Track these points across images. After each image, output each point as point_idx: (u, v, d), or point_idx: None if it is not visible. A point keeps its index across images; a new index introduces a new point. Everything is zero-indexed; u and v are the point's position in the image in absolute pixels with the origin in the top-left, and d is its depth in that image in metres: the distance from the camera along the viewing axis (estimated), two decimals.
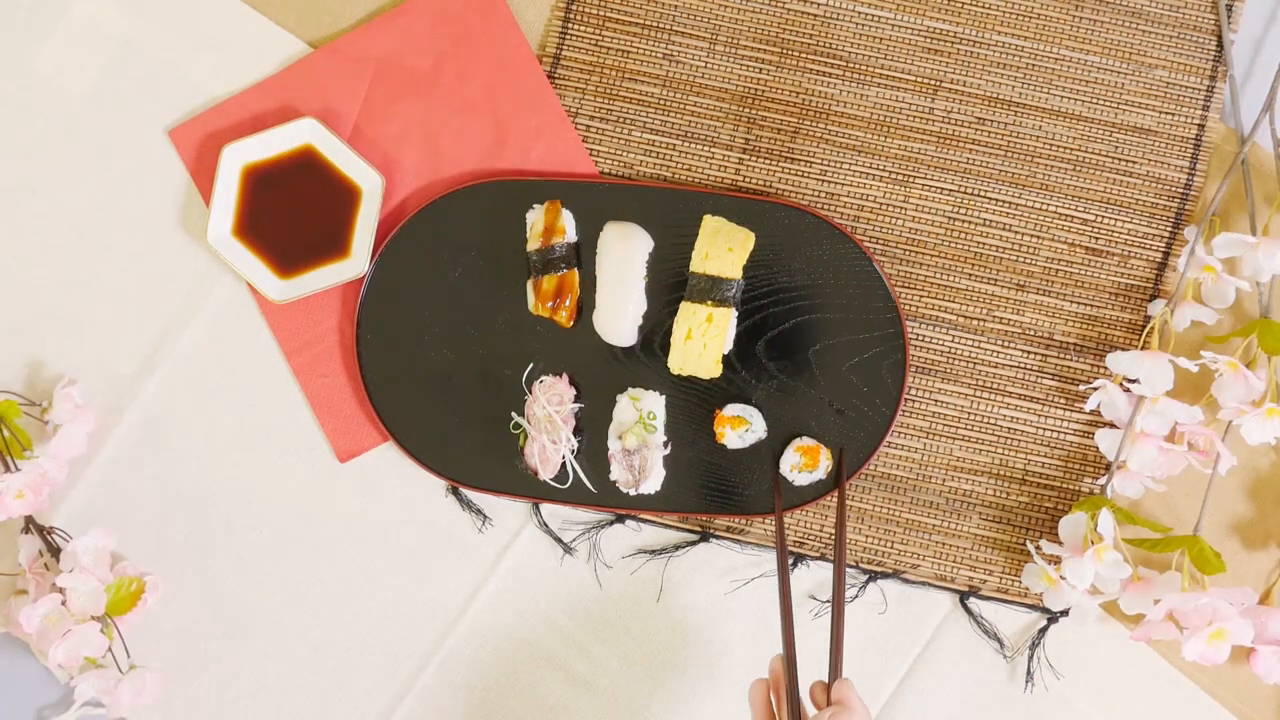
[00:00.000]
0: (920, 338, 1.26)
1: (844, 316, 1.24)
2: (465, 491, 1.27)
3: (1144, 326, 1.26)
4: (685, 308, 1.22)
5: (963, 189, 1.27)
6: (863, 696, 1.26)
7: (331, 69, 1.27)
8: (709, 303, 1.21)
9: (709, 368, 1.22)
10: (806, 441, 1.24)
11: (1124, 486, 1.22)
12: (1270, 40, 1.27)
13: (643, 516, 1.27)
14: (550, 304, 1.24)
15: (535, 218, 1.24)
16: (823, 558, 1.26)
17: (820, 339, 1.24)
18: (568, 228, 1.24)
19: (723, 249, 1.21)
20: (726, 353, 1.23)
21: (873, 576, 1.26)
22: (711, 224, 1.23)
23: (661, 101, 1.28)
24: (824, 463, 1.23)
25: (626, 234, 1.24)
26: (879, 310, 1.24)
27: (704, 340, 1.21)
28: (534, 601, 1.27)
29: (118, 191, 1.28)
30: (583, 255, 1.25)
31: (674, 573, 1.27)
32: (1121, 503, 1.23)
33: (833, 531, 1.26)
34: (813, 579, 1.26)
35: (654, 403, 1.24)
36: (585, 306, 1.25)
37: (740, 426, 1.23)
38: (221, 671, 1.27)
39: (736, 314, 1.23)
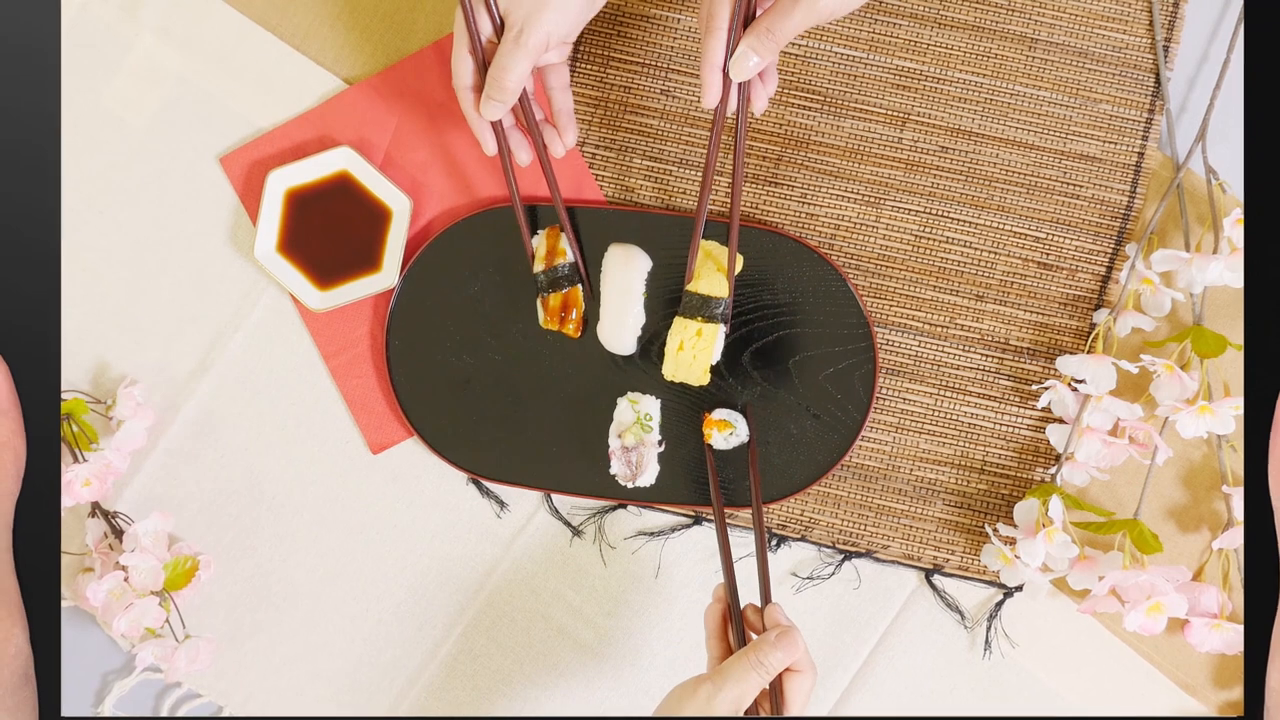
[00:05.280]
0: (890, 343, 1.26)
1: (821, 331, 1.24)
2: (483, 481, 1.27)
3: (1090, 333, 1.25)
4: (678, 322, 1.21)
5: (928, 210, 1.26)
6: (837, 664, 1.26)
7: (365, 103, 1.27)
8: (699, 318, 1.20)
9: (698, 376, 1.21)
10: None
11: (1072, 475, 1.22)
12: (1202, 78, 1.26)
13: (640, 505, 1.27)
14: (559, 319, 1.23)
15: (538, 242, 1.24)
16: (803, 539, 1.26)
17: (800, 351, 1.24)
18: (567, 249, 1.23)
19: (713, 270, 1.21)
20: (715, 363, 1.22)
21: (847, 556, 1.26)
22: (708, 250, 1.22)
23: (660, 132, 1.27)
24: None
25: (628, 254, 1.24)
26: (852, 326, 1.24)
27: (694, 352, 1.20)
28: (546, 579, 1.27)
29: (174, 212, 1.28)
30: (590, 272, 1.25)
31: (670, 553, 1.27)
32: (1070, 490, 1.23)
33: (811, 516, 1.26)
34: (793, 558, 1.26)
35: (650, 406, 1.24)
36: (590, 318, 1.25)
37: (726, 429, 1.23)
38: (267, 640, 1.27)
39: (725, 329, 1.22)
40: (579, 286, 1.24)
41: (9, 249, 1.17)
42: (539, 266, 1.24)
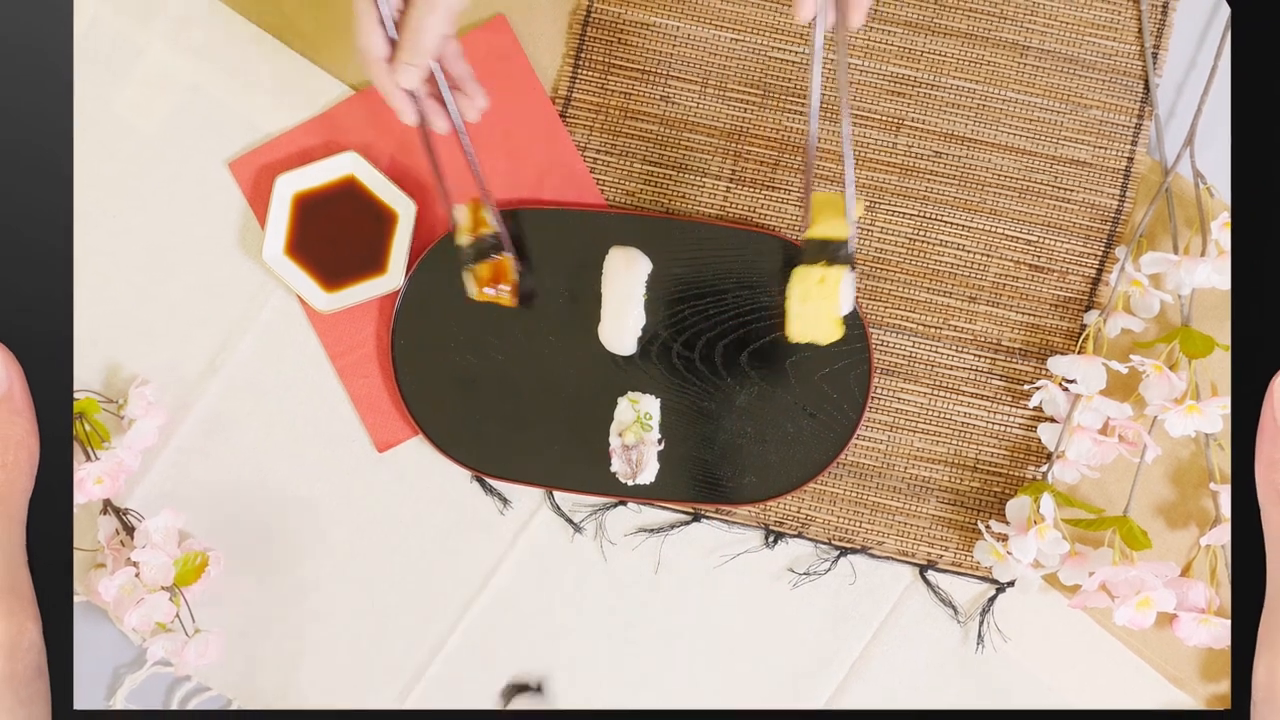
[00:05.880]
0: (885, 344, 1.26)
1: None
2: (487, 479, 1.27)
3: (1080, 334, 1.26)
4: (798, 274, 1.10)
5: (922, 214, 1.27)
6: (833, 657, 1.26)
7: (371, 109, 1.28)
8: (821, 263, 1.10)
9: (828, 330, 1.11)
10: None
11: (1063, 473, 1.23)
12: (1190, 84, 1.27)
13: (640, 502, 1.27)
14: (491, 289, 1.21)
15: (462, 215, 1.21)
16: (800, 535, 1.26)
17: (797, 351, 1.24)
18: (491, 221, 1.21)
19: (830, 215, 1.11)
20: (846, 314, 1.12)
21: (843, 552, 1.27)
22: (820, 198, 1.12)
23: (659, 137, 1.28)
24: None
25: (629, 257, 1.24)
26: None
27: (820, 302, 1.10)
28: (547, 574, 1.27)
29: (185, 216, 1.29)
30: (591, 276, 1.25)
31: (669, 549, 1.27)
32: (1061, 488, 1.23)
33: (808, 513, 1.27)
34: (790, 554, 1.27)
35: (650, 405, 1.24)
36: (589, 319, 1.25)
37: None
38: (275, 635, 1.28)
39: (853, 274, 1.12)
40: (509, 257, 1.22)
41: (23, 252, 1.17)
42: (465, 239, 1.21)
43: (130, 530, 1.25)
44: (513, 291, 1.22)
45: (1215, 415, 1.18)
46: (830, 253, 1.09)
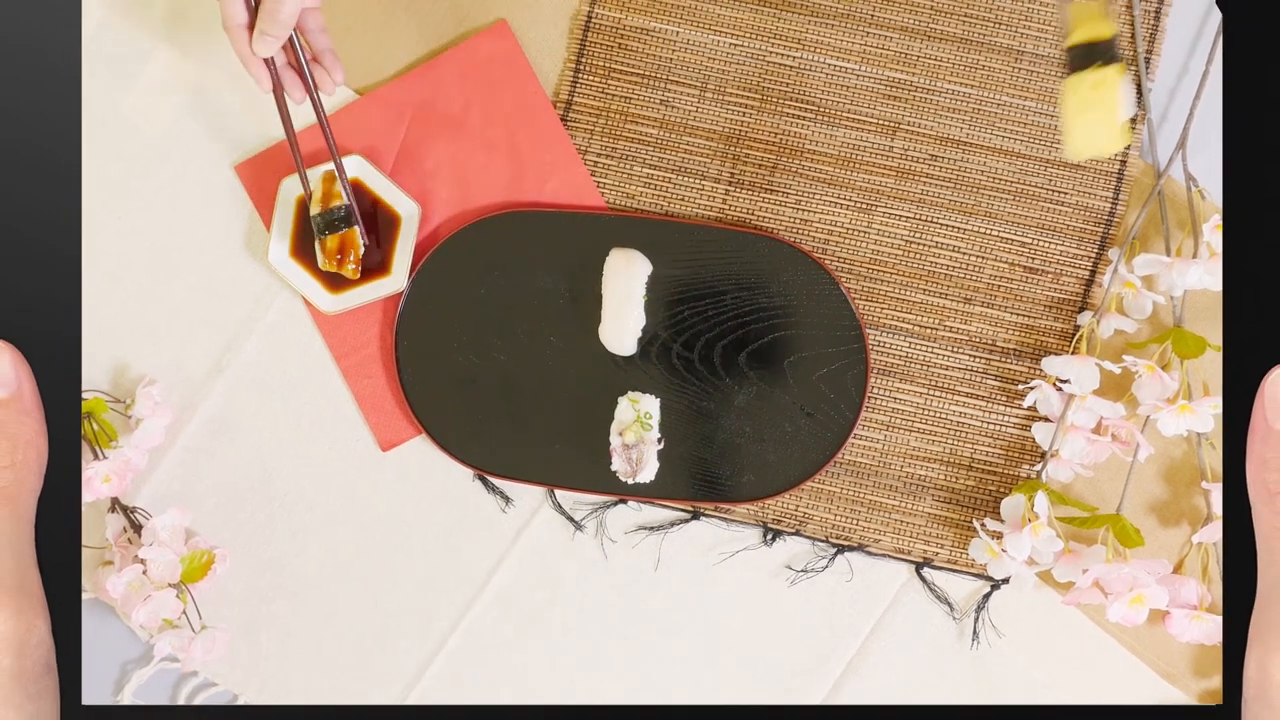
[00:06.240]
0: (881, 344, 1.26)
1: (815, 333, 1.24)
2: (489, 477, 1.27)
3: (1074, 334, 1.26)
4: (1069, 84, 1.02)
5: (918, 216, 1.27)
6: (830, 654, 1.27)
7: (375, 113, 1.28)
8: (1093, 67, 1.01)
9: (1112, 138, 1.02)
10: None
11: (1057, 472, 1.23)
12: (1182, 89, 1.27)
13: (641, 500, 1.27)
14: (337, 259, 1.24)
15: (315, 185, 1.24)
16: (798, 533, 1.27)
17: (794, 352, 1.24)
18: (344, 193, 1.23)
19: (1089, 19, 1.02)
20: (1126, 119, 1.03)
21: (840, 549, 1.27)
22: (1077, 7, 1.03)
23: (659, 141, 1.28)
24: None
25: (629, 259, 1.24)
26: (845, 328, 1.24)
27: (1099, 109, 1.02)
28: (549, 571, 1.28)
29: (190, 218, 1.29)
30: (592, 277, 1.25)
31: (669, 547, 1.27)
32: (1055, 486, 1.24)
33: (806, 511, 1.27)
34: (788, 552, 1.27)
35: (650, 405, 1.25)
36: (590, 319, 1.25)
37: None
38: (280, 631, 1.28)
39: (1128, 76, 1.02)
40: (356, 229, 1.23)
41: (32, 254, 1.17)
42: (316, 209, 1.23)
43: (138, 528, 1.25)
44: (357, 265, 1.24)
45: (1207, 415, 1.19)
46: (1100, 54, 1.02)
